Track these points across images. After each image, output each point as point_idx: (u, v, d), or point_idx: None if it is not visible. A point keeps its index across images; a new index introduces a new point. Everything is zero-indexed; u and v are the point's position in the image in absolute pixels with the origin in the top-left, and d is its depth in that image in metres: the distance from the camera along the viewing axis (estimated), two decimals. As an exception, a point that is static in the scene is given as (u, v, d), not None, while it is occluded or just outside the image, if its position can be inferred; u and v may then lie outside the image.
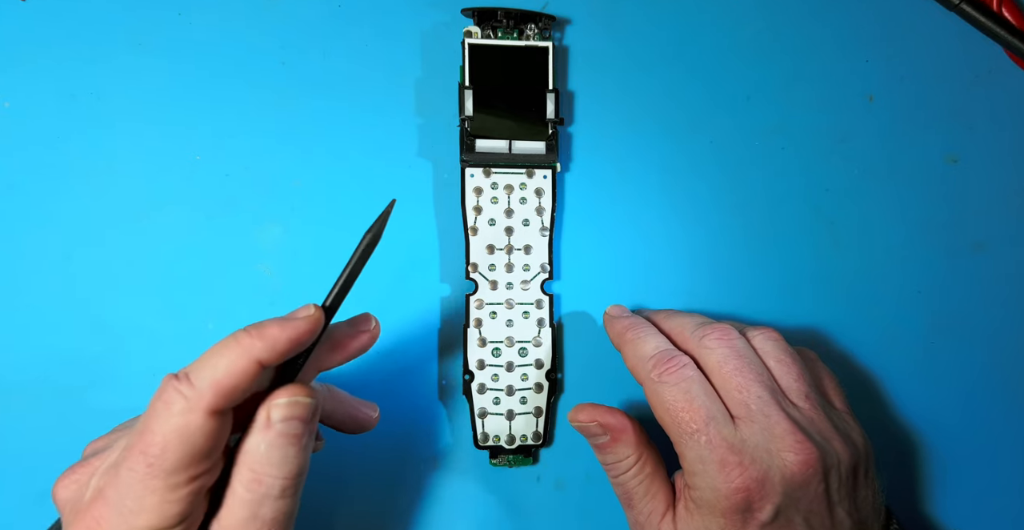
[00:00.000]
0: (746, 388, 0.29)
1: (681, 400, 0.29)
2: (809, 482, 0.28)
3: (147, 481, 0.23)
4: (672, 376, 0.30)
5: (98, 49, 0.36)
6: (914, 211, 0.40)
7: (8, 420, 0.35)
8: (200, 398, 0.24)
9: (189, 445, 0.23)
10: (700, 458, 0.28)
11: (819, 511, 0.29)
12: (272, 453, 0.25)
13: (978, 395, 0.40)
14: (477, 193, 0.37)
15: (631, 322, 0.33)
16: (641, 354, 0.31)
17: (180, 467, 0.23)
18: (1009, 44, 0.39)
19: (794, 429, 0.28)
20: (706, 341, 0.31)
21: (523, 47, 0.37)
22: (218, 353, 0.25)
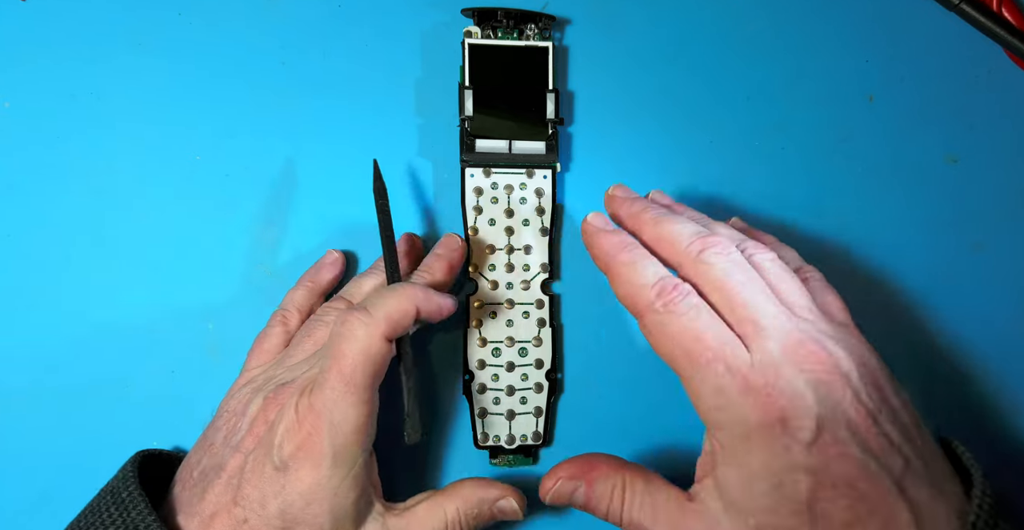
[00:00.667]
0: (753, 303, 0.27)
1: (692, 328, 0.27)
2: (835, 387, 0.26)
3: (347, 397, 0.28)
4: (678, 306, 0.28)
5: (98, 49, 0.36)
6: (914, 211, 0.40)
7: (8, 420, 0.35)
8: (377, 325, 0.29)
9: (372, 364, 0.29)
10: (720, 389, 0.26)
11: (860, 421, 0.26)
12: (477, 518, 0.31)
13: (978, 395, 0.40)
14: (477, 193, 0.37)
15: (621, 241, 0.30)
16: (640, 280, 0.29)
17: (368, 383, 0.29)
18: (1009, 44, 0.39)
19: (806, 338, 0.27)
20: (705, 255, 0.28)
21: (523, 47, 0.37)
22: (389, 294, 0.30)
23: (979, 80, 0.41)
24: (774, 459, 0.25)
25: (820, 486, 0.25)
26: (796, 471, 0.25)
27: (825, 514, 0.25)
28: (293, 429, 0.28)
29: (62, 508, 0.32)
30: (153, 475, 0.32)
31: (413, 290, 0.31)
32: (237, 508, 0.29)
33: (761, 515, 0.26)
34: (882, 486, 0.25)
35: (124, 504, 0.29)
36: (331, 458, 0.28)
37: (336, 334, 0.29)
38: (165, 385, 0.36)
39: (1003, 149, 0.40)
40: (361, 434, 0.29)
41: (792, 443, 0.25)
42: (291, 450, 0.28)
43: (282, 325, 0.35)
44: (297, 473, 0.28)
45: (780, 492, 0.25)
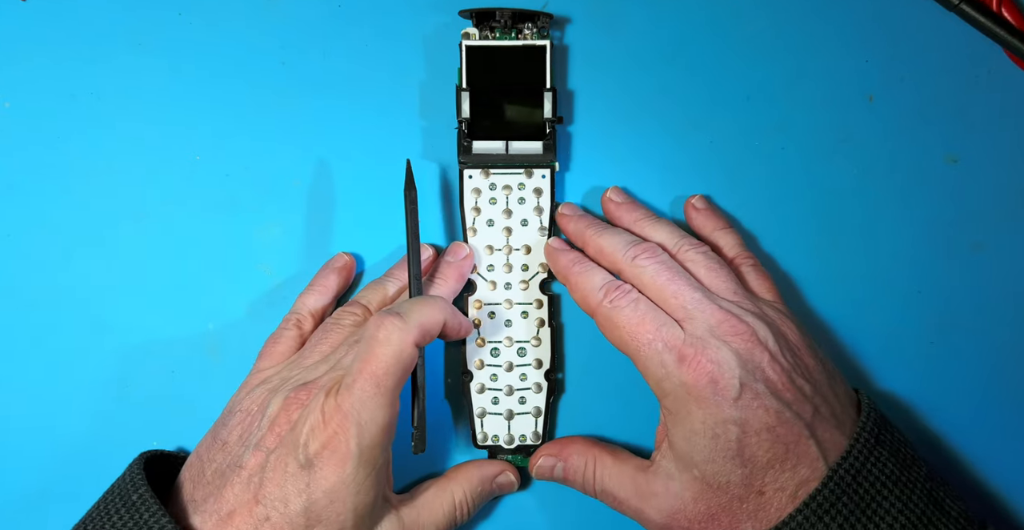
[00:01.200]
0: (680, 293, 0.33)
1: (634, 317, 0.33)
2: (753, 352, 0.32)
3: (377, 398, 0.29)
4: (622, 300, 0.33)
5: (98, 49, 0.36)
6: (914, 211, 0.40)
7: (9, 420, 0.35)
8: (409, 331, 0.30)
9: (402, 368, 0.30)
10: (661, 362, 0.32)
11: (776, 378, 0.32)
12: (480, 496, 0.35)
13: (978, 394, 0.40)
14: (476, 194, 0.37)
15: (575, 256, 0.36)
16: (591, 286, 0.34)
17: (396, 387, 0.30)
18: (1009, 44, 0.39)
19: (727, 315, 0.32)
20: (638, 260, 0.34)
21: (520, 47, 0.37)
22: (423, 303, 0.32)
23: (979, 80, 0.40)
24: (708, 415, 0.31)
25: (745, 434, 0.31)
26: (727, 423, 0.31)
27: (752, 457, 0.31)
28: (319, 428, 0.29)
29: (63, 507, 0.32)
30: (157, 475, 0.32)
31: (445, 303, 0.33)
32: (259, 506, 0.29)
33: (703, 465, 0.31)
34: (795, 429, 0.31)
35: (134, 506, 0.30)
36: (357, 457, 0.29)
37: (370, 337, 0.30)
38: (165, 385, 0.36)
39: (1003, 149, 0.40)
40: (386, 435, 0.30)
41: (721, 400, 0.31)
42: (317, 448, 0.29)
43: (296, 328, 0.35)
44: (322, 471, 0.29)
45: (716, 442, 0.31)
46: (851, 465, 0.31)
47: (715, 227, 0.38)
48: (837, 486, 0.31)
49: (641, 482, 0.33)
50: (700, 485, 0.32)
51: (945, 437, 0.40)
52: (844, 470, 0.31)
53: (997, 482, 0.40)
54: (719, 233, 0.37)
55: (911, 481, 0.32)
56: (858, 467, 0.31)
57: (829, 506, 0.30)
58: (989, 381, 0.40)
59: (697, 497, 0.32)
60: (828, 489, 0.30)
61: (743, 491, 0.31)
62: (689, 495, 0.32)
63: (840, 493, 0.31)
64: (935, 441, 0.39)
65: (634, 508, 0.33)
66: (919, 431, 0.39)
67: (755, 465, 0.31)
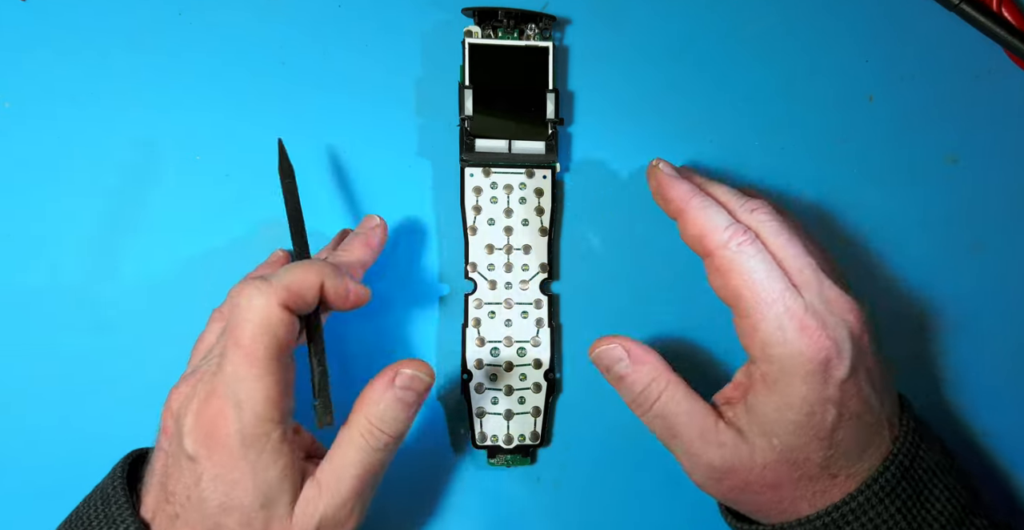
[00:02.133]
0: (800, 258, 0.31)
1: (760, 270, 0.30)
2: (863, 335, 0.30)
3: (247, 369, 0.27)
4: (750, 247, 0.31)
5: (98, 49, 0.36)
6: (914, 211, 0.40)
7: (7, 420, 0.35)
8: (274, 292, 0.28)
9: (272, 333, 0.27)
10: (780, 326, 0.29)
11: (873, 365, 0.31)
12: (386, 412, 0.30)
13: (978, 394, 0.40)
14: (476, 193, 0.37)
15: (693, 188, 0.33)
16: (714, 223, 0.31)
17: (269, 354, 0.27)
18: (1009, 44, 0.39)
19: (840, 292, 0.31)
20: (757, 214, 0.32)
21: (523, 47, 0.37)
22: (293, 266, 0.29)
23: (979, 80, 0.40)
24: (812, 392, 0.29)
25: (841, 417, 0.30)
26: (828, 403, 0.29)
27: (840, 441, 0.30)
28: (196, 415, 0.28)
29: (60, 507, 0.32)
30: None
31: (321, 265, 0.30)
32: (168, 505, 0.29)
33: (787, 437, 0.30)
34: (879, 418, 0.31)
35: (108, 498, 0.30)
36: (240, 437, 0.27)
37: (233, 306, 0.28)
38: (165, 385, 0.36)
39: (1003, 149, 0.40)
40: (272, 408, 0.28)
41: (829, 379, 0.29)
42: (199, 438, 0.28)
43: (219, 321, 0.34)
44: (210, 460, 0.28)
45: (811, 419, 0.29)
46: (908, 450, 0.31)
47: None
48: (898, 469, 0.30)
49: (710, 426, 0.31)
50: (777, 456, 0.30)
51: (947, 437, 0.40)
52: (903, 455, 0.30)
53: (998, 482, 0.40)
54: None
55: (956, 471, 0.32)
56: (913, 453, 0.31)
57: (891, 488, 0.30)
58: (989, 381, 0.40)
59: (768, 465, 0.30)
60: (890, 472, 0.30)
61: (818, 471, 0.30)
62: (760, 460, 0.30)
63: (900, 477, 0.30)
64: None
65: (691, 446, 0.31)
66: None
67: (839, 449, 0.30)
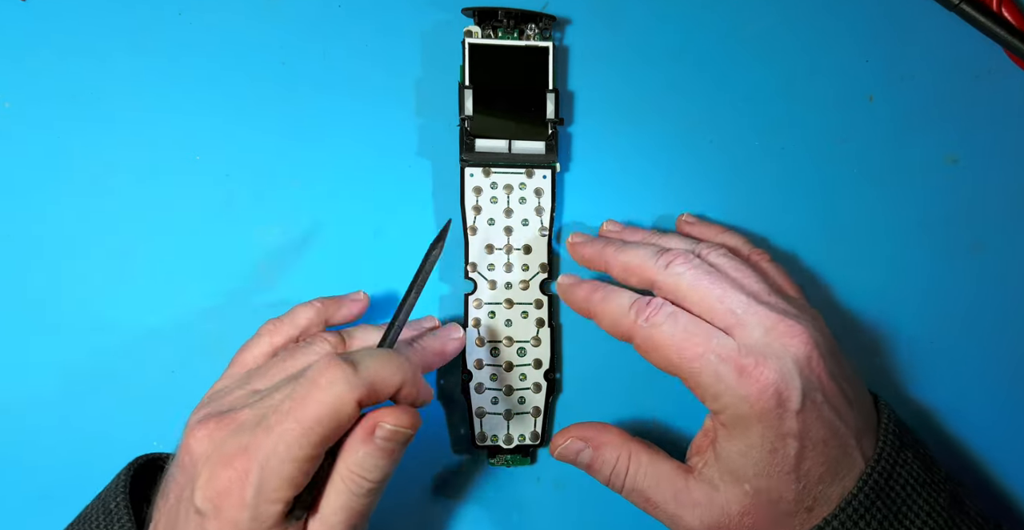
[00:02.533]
0: (726, 297, 0.30)
1: (677, 332, 0.30)
2: (811, 357, 0.29)
3: (295, 448, 0.26)
4: (658, 316, 0.31)
5: (98, 49, 0.36)
6: (914, 211, 0.40)
7: (8, 420, 0.35)
8: (358, 389, 0.26)
9: (335, 424, 0.26)
10: (718, 376, 0.29)
11: (830, 386, 0.30)
12: (367, 460, 0.28)
13: (978, 394, 0.40)
14: (476, 193, 0.37)
15: (592, 285, 0.34)
16: (617, 308, 0.32)
17: (321, 441, 0.26)
18: (1009, 44, 0.39)
19: (780, 317, 0.30)
20: (672, 267, 0.31)
21: (523, 47, 0.37)
22: (384, 358, 0.28)
23: (979, 80, 0.40)
24: (768, 430, 0.29)
25: (804, 448, 0.29)
26: (787, 437, 0.29)
27: (808, 471, 0.29)
28: (217, 470, 0.26)
29: (62, 508, 0.32)
30: (151, 482, 0.32)
31: (409, 365, 0.28)
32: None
33: (756, 479, 0.29)
34: (845, 439, 0.30)
35: (111, 514, 0.29)
36: (252, 510, 0.26)
37: (310, 379, 0.27)
38: (165, 385, 0.36)
39: (1003, 149, 0.40)
40: (290, 490, 0.26)
41: (784, 413, 0.29)
42: (210, 496, 0.26)
43: (269, 335, 0.33)
44: (215, 521, 0.26)
45: (774, 457, 0.29)
46: (883, 468, 0.30)
47: (716, 232, 0.36)
48: (872, 490, 0.30)
49: (681, 488, 0.31)
50: (750, 500, 0.30)
51: (947, 437, 0.40)
52: (877, 473, 0.30)
53: (1000, 481, 0.40)
54: (723, 237, 0.36)
55: (935, 483, 0.31)
56: (889, 470, 0.30)
57: (864, 510, 0.29)
58: (990, 381, 0.40)
59: (745, 512, 0.30)
60: (863, 493, 0.29)
61: (794, 507, 0.29)
62: (736, 509, 0.30)
63: (874, 497, 0.30)
64: (937, 442, 0.39)
65: (670, 513, 0.31)
66: (921, 432, 0.39)
67: (810, 479, 0.29)
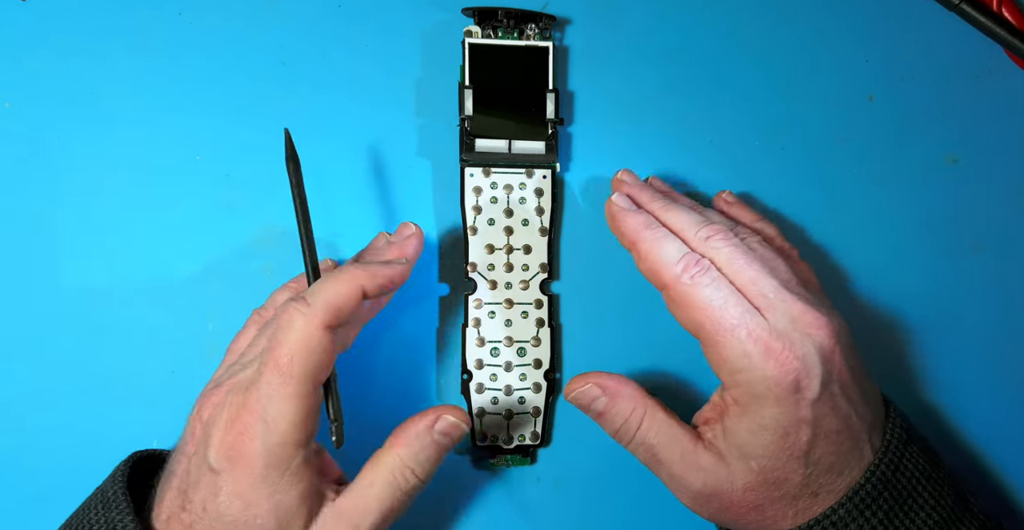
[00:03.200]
0: (759, 280, 0.31)
1: (717, 298, 0.30)
2: (834, 351, 0.30)
3: (282, 389, 0.27)
4: (703, 278, 0.30)
5: (98, 49, 0.36)
6: (914, 211, 0.40)
7: (8, 420, 0.35)
8: (315, 315, 0.28)
9: (311, 355, 0.28)
10: (744, 352, 0.29)
11: (848, 379, 0.30)
12: (421, 453, 0.30)
13: (977, 394, 0.40)
14: (476, 193, 0.37)
15: (647, 220, 0.33)
16: (666, 257, 0.31)
17: (306, 376, 0.28)
18: (1009, 44, 0.39)
19: (808, 307, 0.30)
20: (712, 241, 0.32)
21: (523, 47, 0.37)
22: (330, 280, 0.29)
23: (979, 80, 0.40)
24: (783, 414, 0.29)
25: (816, 436, 0.29)
26: (801, 423, 0.29)
27: (818, 459, 0.30)
28: (225, 428, 0.28)
29: (60, 507, 0.32)
30: (147, 474, 0.32)
31: (353, 272, 0.30)
32: (184, 513, 0.28)
33: (764, 459, 0.30)
34: (857, 433, 0.30)
35: (108, 503, 0.29)
36: (264, 457, 0.27)
37: (275, 326, 0.28)
38: (165, 385, 0.36)
39: (1003, 149, 0.40)
40: (299, 430, 0.28)
41: (801, 400, 0.29)
42: (223, 451, 0.28)
43: (256, 324, 0.34)
44: (231, 474, 0.28)
45: (785, 441, 0.29)
46: (890, 460, 0.30)
47: (751, 219, 0.36)
48: (879, 481, 0.30)
49: (689, 450, 0.31)
50: (756, 477, 0.30)
51: (946, 436, 0.40)
52: (885, 465, 0.30)
53: (999, 481, 0.40)
54: (759, 224, 0.36)
55: (940, 477, 0.32)
56: (896, 463, 0.31)
57: (871, 500, 0.30)
58: (990, 381, 0.40)
59: (749, 487, 0.30)
60: (871, 484, 0.30)
61: (799, 490, 0.30)
62: (740, 483, 0.30)
63: (881, 488, 0.30)
64: (937, 441, 0.39)
65: (674, 472, 0.31)
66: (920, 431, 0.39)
67: (818, 467, 0.30)
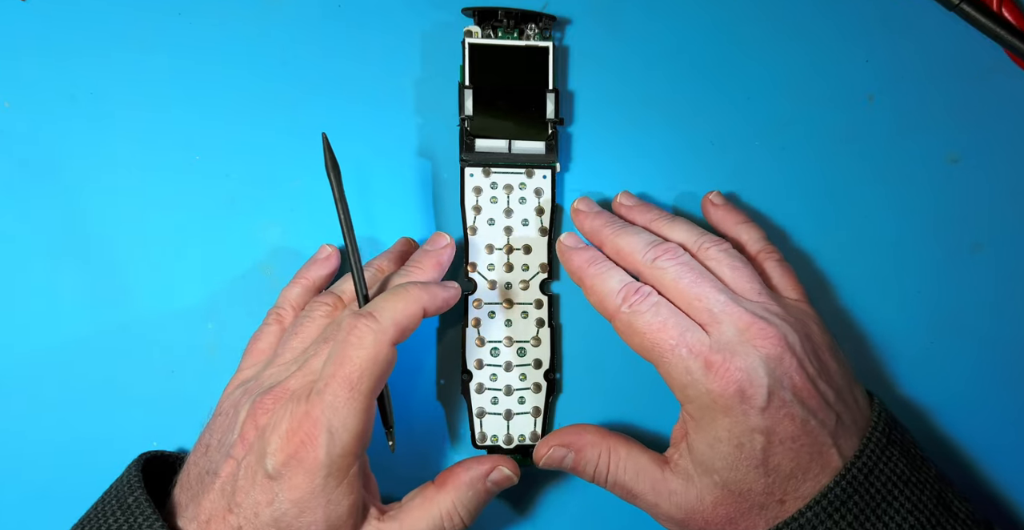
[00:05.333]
0: (704, 296, 0.32)
1: (655, 322, 0.31)
2: (782, 358, 0.31)
3: (350, 403, 0.28)
4: (642, 304, 0.32)
5: (98, 49, 0.36)
6: (914, 211, 0.40)
7: (8, 420, 0.35)
8: (384, 332, 0.29)
9: (378, 371, 0.29)
10: (687, 369, 0.31)
11: (803, 386, 0.31)
12: (472, 501, 0.32)
13: (978, 395, 0.40)
14: (476, 193, 0.37)
15: (591, 256, 0.34)
16: (607, 289, 0.33)
17: (371, 390, 0.29)
18: (1009, 44, 0.39)
19: (755, 319, 0.31)
20: (659, 262, 0.33)
21: (523, 47, 0.37)
22: (397, 298, 0.30)
23: (979, 80, 0.40)
24: (735, 425, 0.30)
25: (771, 443, 0.30)
26: (753, 432, 0.30)
27: (776, 466, 0.30)
28: (287, 436, 0.28)
29: (62, 507, 0.32)
30: (155, 476, 0.32)
31: (418, 291, 0.31)
32: (231, 515, 0.29)
33: (725, 472, 0.31)
34: (819, 438, 0.31)
35: (129, 509, 0.29)
36: (327, 467, 0.28)
37: (343, 340, 0.29)
38: (165, 385, 0.36)
39: (1003, 149, 0.40)
40: (359, 442, 0.29)
41: (749, 409, 0.30)
42: (284, 458, 0.28)
43: (277, 323, 0.35)
44: (291, 481, 0.28)
45: (740, 451, 0.30)
46: (864, 464, 0.31)
47: (736, 221, 0.37)
48: (849, 485, 0.30)
49: (658, 478, 0.32)
50: (721, 491, 0.31)
51: (945, 437, 0.40)
52: (857, 468, 0.31)
53: (998, 482, 0.40)
54: (741, 227, 0.36)
55: (921, 481, 0.32)
56: (870, 466, 0.31)
57: (840, 504, 0.30)
58: (989, 381, 0.40)
59: (718, 502, 0.31)
60: (840, 487, 0.30)
61: (764, 499, 0.31)
62: (709, 499, 0.31)
63: (852, 492, 0.30)
64: (935, 441, 0.39)
65: (650, 502, 0.32)
66: (918, 431, 0.39)
67: (779, 474, 0.30)
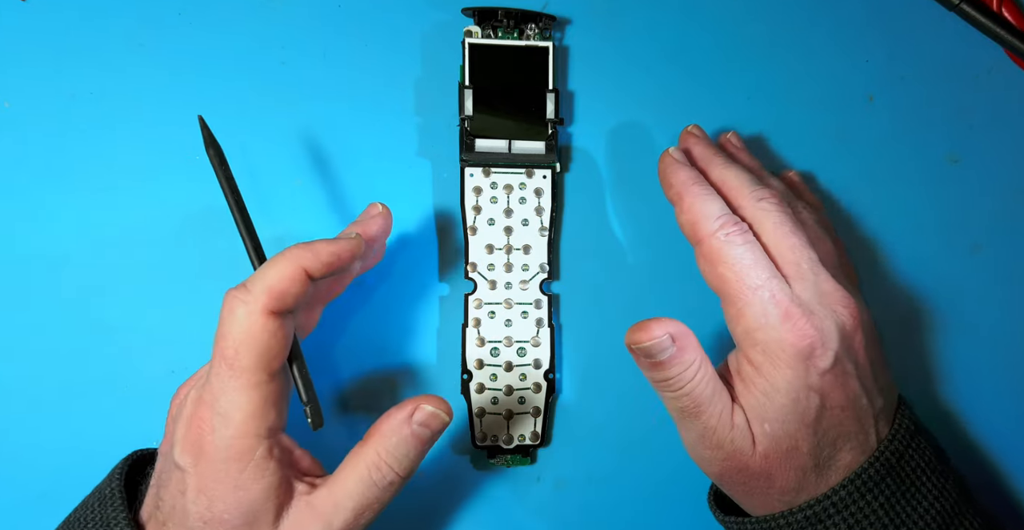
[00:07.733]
0: (799, 249, 0.32)
1: (747, 258, 0.31)
2: (855, 333, 0.31)
3: (231, 381, 0.27)
4: (737, 237, 0.31)
5: (98, 49, 0.36)
6: (914, 211, 0.40)
7: (8, 420, 0.35)
8: (256, 301, 0.27)
9: (257, 343, 0.27)
10: (764, 312, 0.30)
11: (864, 364, 0.32)
12: (398, 447, 0.29)
13: (977, 395, 0.40)
14: (476, 193, 0.37)
15: (697, 175, 0.34)
16: (707, 212, 0.32)
17: (255, 365, 0.27)
18: (1009, 44, 0.39)
19: (838, 287, 0.31)
20: (764, 203, 0.32)
21: (523, 47, 0.37)
22: (270, 264, 0.28)
23: (979, 80, 0.40)
24: (796, 378, 0.30)
25: (824, 406, 0.30)
26: (811, 391, 0.30)
27: (825, 430, 0.31)
28: (187, 424, 0.28)
29: (60, 507, 0.32)
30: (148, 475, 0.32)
31: (297, 251, 0.29)
32: (158, 511, 0.29)
33: (776, 423, 0.30)
34: (865, 416, 0.31)
35: (104, 500, 0.29)
36: (223, 451, 0.27)
37: (220, 318, 0.28)
38: (165, 385, 0.36)
39: (1003, 149, 0.40)
40: (256, 421, 0.27)
41: (812, 368, 0.30)
42: (186, 447, 0.28)
43: None
44: (194, 470, 0.27)
45: (795, 405, 0.30)
46: (896, 448, 0.31)
47: (813, 201, 0.38)
48: (883, 466, 0.31)
49: (729, 407, 0.31)
50: (769, 442, 0.30)
51: (945, 437, 0.40)
52: (891, 452, 0.31)
53: (998, 482, 0.40)
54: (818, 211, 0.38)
55: (945, 471, 0.32)
56: (901, 451, 0.31)
57: (873, 484, 0.30)
58: (989, 381, 0.40)
59: (767, 453, 0.30)
60: (874, 468, 0.31)
61: (807, 461, 0.30)
62: (761, 449, 0.30)
63: (884, 474, 0.31)
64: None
65: (710, 426, 0.31)
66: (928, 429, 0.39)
67: (824, 437, 0.31)
